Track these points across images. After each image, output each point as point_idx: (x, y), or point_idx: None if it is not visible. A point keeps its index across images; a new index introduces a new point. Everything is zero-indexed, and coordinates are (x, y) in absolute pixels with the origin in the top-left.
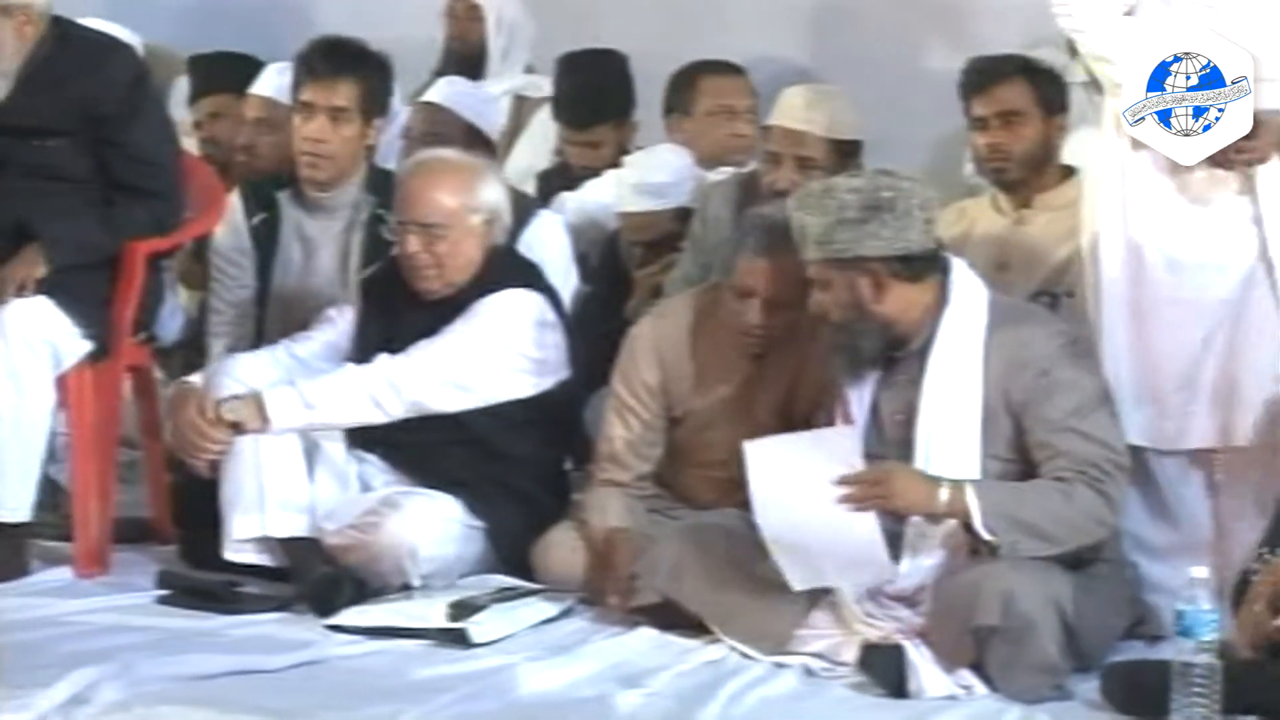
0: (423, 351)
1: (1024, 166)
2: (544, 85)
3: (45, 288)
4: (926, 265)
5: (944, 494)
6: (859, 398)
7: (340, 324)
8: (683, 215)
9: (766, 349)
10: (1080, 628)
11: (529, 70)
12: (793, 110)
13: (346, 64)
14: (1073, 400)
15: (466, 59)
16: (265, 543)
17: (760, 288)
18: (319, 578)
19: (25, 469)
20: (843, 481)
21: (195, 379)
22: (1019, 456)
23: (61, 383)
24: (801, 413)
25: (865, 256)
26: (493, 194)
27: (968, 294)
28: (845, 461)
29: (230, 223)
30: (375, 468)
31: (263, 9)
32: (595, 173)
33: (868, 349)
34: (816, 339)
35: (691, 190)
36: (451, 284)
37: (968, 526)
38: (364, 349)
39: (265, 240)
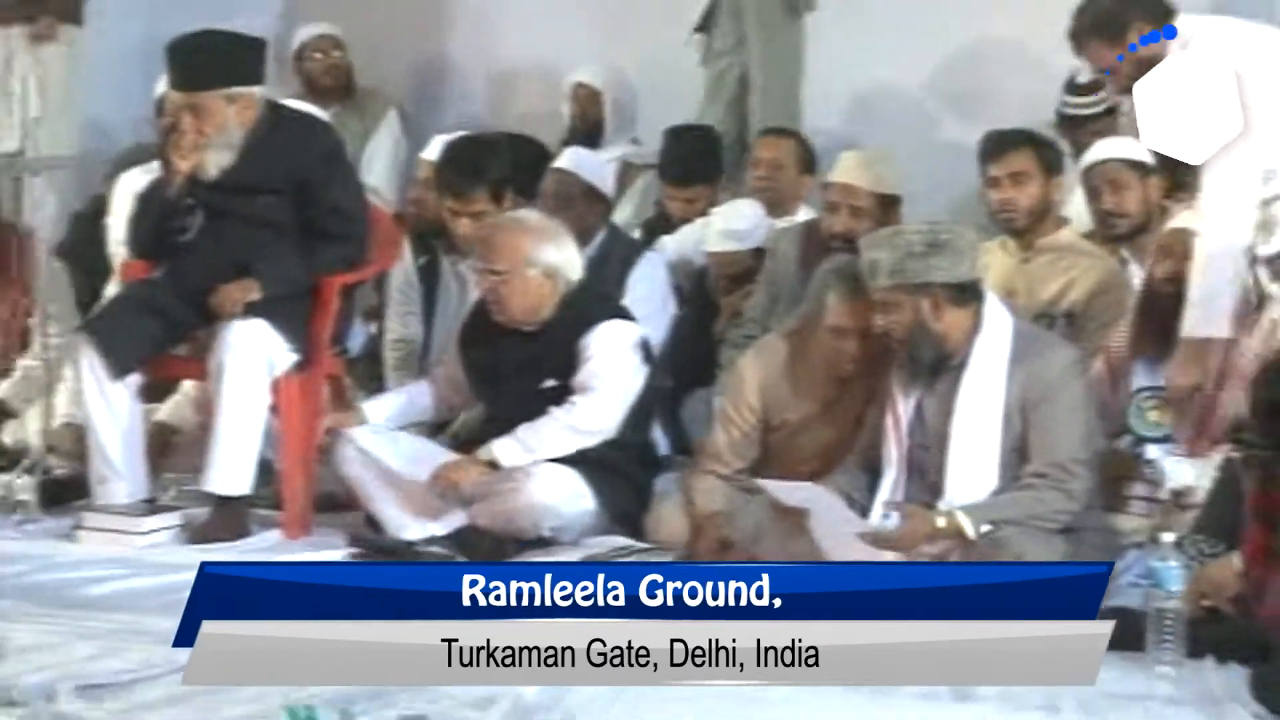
0: (594, 384)
1: (1029, 217)
2: (645, 154)
3: (260, 311)
4: (972, 293)
5: (941, 523)
6: (906, 403)
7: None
8: (759, 254)
9: (857, 375)
10: None
11: (634, 141)
12: (848, 169)
13: (478, 176)
14: (1061, 411)
15: (587, 133)
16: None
17: (853, 325)
18: (488, 544)
19: (246, 453)
20: (863, 533)
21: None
22: (1025, 447)
23: (275, 386)
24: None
25: (930, 283)
26: (552, 253)
27: (997, 321)
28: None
29: (401, 263)
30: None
31: (419, 88)
32: (689, 221)
33: (926, 361)
34: (885, 364)
35: (765, 234)
36: (514, 319)
37: (962, 538)
38: (475, 378)
39: (428, 277)
